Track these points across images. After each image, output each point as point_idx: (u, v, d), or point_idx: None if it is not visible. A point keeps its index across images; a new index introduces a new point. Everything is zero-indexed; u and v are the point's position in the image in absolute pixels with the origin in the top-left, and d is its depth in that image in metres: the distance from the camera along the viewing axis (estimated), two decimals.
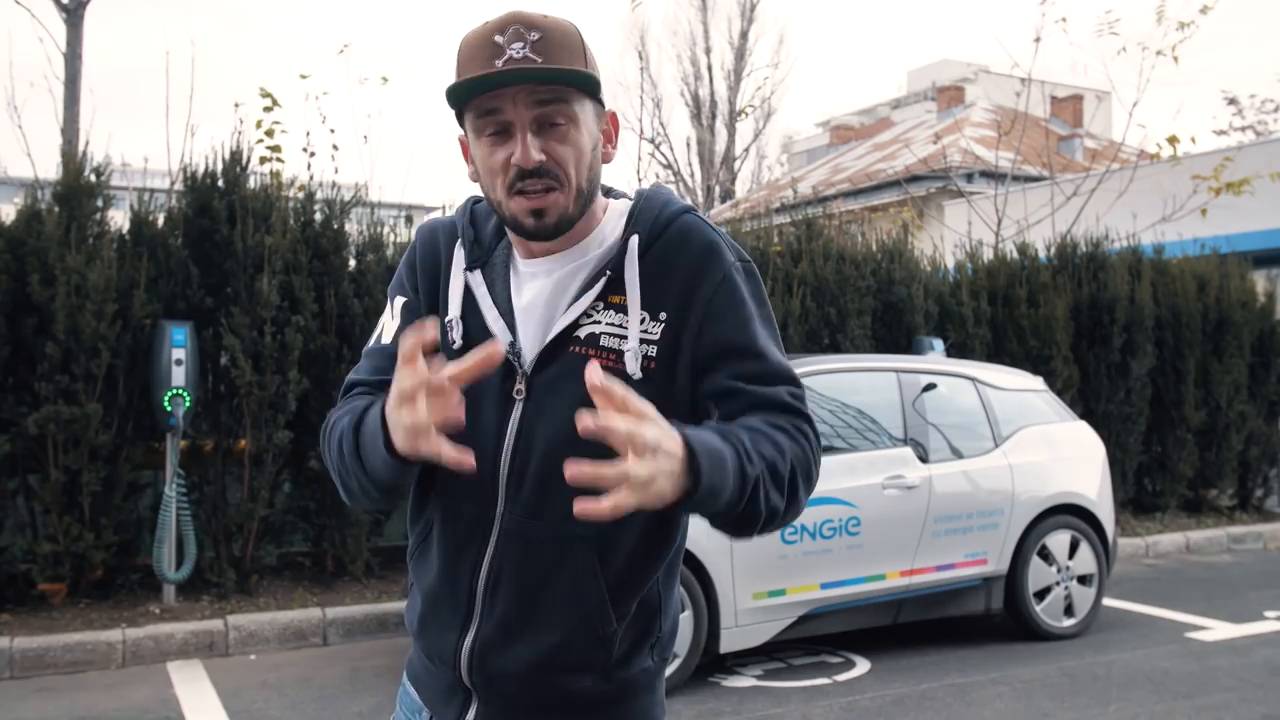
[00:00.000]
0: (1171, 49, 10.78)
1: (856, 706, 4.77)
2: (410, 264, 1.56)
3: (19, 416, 5.78)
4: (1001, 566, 5.78)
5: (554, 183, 1.39)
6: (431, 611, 1.49)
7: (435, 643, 1.49)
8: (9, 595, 5.91)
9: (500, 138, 1.39)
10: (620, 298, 1.43)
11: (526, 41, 1.36)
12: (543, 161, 1.38)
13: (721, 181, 28.30)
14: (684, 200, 1.54)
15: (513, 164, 1.38)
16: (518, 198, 1.40)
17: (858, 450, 5.56)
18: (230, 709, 4.79)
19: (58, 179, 6.18)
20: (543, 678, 1.44)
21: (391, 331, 1.52)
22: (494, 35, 1.37)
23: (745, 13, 29.50)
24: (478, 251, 1.52)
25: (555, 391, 1.41)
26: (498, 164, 1.40)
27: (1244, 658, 5.51)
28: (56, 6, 9.61)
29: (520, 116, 1.38)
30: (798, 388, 1.48)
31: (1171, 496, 9.53)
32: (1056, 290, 9.05)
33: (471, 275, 1.50)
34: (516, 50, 1.35)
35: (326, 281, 6.54)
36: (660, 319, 1.43)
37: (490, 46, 1.36)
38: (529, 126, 1.38)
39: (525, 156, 1.37)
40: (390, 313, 1.55)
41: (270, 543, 6.53)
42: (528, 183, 1.38)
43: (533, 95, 1.37)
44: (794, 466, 1.41)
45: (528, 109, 1.37)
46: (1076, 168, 17.07)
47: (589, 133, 1.42)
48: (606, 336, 1.42)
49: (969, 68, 39.14)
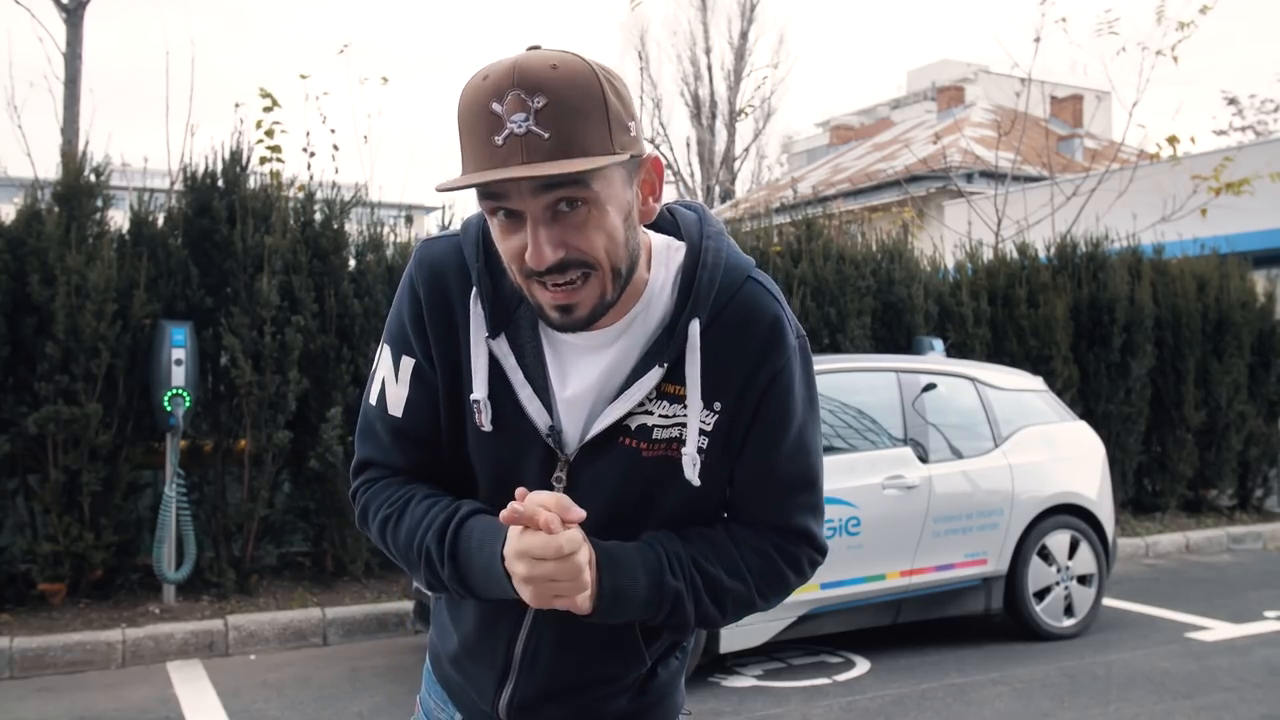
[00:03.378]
0: (1171, 49, 10.78)
1: (856, 706, 4.77)
2: (416, 316, 1.34)
3: (19, 416, 5.78)
4: (1001, 566, 5.78)
5: (581, 272, 1.21)
6: (468, 657, 1.46)
7: (475, 679, 1.46)
8: (9, 595, 5.91)
9: (512, 222, 1.20)
10: (677, 388, 1.30)
11: (529, 111, 1.14)
12: (562, 258, 1.19)
13: (721, 181, 28.31)
14: (738, 251, 1.39)
15: (526, 263, 1.20)
16: (540, 289, 1.22)
17: (858, 450, 5.56)
18: (230, 709, 4.79)
19: (58, 179, 6.18)
20: (581, 712, 1.45)
21: (400, 401, 1.35)
22: (491, 103, 1.15)
23: (745, 13, 29.52)
24: (500, 313, 1.31)
25: (602, 484, 1.32)
26: (512, 250, 1.22)
27: (1244, 658, 5.51)
28: (56, 6, 9.61)
29: (529, 206, 1.18)
30: (811, 493, 1.42)
31: (1171, 496, 9.52)
32: (1056, 290, 9.05)
33: (495, 343, 1.31)
34: (518, 124, 1.14)
35: (326, 281, 6.55)
36: (715, 409, 1.32)
37: (488, 118, 1.15)
38: (540, 218, 1.18)
39: (539, 258, 1.18)
40: (394, 374, 1.36)
41: (270, 543, 6.53)
42: (550, 278, 1.20)
43: (542, 182, 1.16)
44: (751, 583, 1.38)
45: (535, 197, 1.17)
46: (1076, 168, 17.06)
47: (618, 207, 1.22)
48: (659, 429, 1.31)
49: (969, 68, 39.12)
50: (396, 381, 1.36)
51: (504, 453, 1.33)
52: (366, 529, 1.42)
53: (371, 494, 1.40)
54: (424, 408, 1.36)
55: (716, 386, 1.31)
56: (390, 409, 1.37)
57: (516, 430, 1.32)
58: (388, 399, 1.37)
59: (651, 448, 1.31)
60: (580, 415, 1.32)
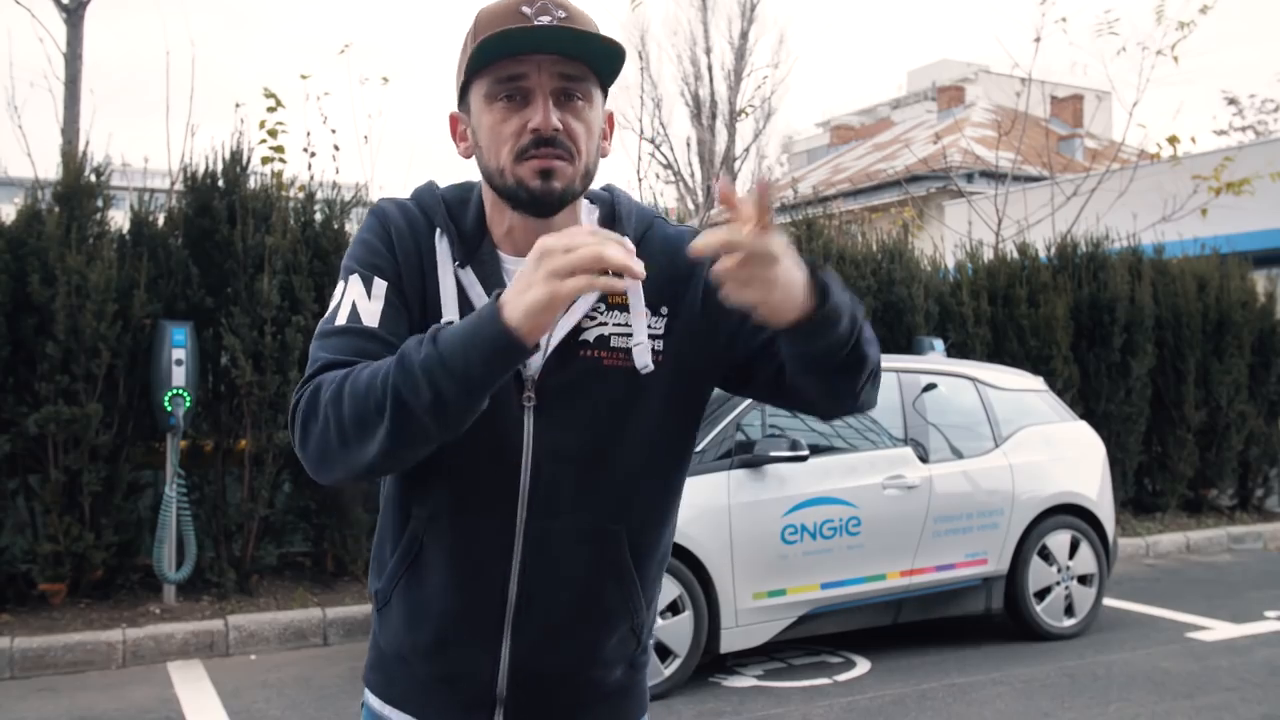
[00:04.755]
0: (1171, 49, 10.79)
1: (856, 706, 4.77)
2: (386, 244, 1.42)
3: (19, 416, 5.78)
4: (1002, 566, 5.77)
5: (565, 154, 1.35)
6: (451, 633, 1.43)
7: (458, 663, 1.44)
8: (9, 595, 5.91)
9: (515, 104, 1.35)
10: (621, 297, 1.39)
11: (554, 16, 1.33)
12: (559, 130, 1.34)
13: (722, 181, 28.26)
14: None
15: (530, 129, 1.33)
16: (525, 162, 1.35)
17: (858, 450, 5.56)
18: (230, 709, 4.79)
19: (58, 179, 6.18)
20: (582, 677, 1.46)
21: (375, 314, 1.36)
22: (520, 6, 1.33)
23: (745, 13, 29.44)
24: (466, 246, 1.43)
25: (570, 398, 1.38)
26: (509, 130, 1.35)
27: (1244, 658, 5.50)
28: (56, 6, 9.60)
29: (544, 84, 1.34)
30: None
31: (1171, 496, 9.52)
32: (1056, 290, 9.05)
33: (463, 272, 1.41)
34: (545, 22, 1.32)
35: (327, 281, 6.54)
36: (662, 314, 1.42)
37: (516, 15, 1.33)
38: (549, 96, 1.35)
39: (546, 121, 1.33)
40: (365, 293, 1.38)
41: (270, 543, 6.53)
42: (541, 150, 1.34)
43: (557, 66, 1.34)
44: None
45: (551, 78, 1.34)
46: (1076, 168, 17.07)
47: (596, 119, 1.40)
48: (616, 337, 1.40)
49: (969, 68, 39.14)
50: (369, 298, 1.37)
51: None
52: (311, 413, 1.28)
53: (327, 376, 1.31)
54: (398, 325, 1.37)
55: (656, 293, 1.41)
56: (365, 320, 1.36)
57: None
58: (361, 314, 1.36)
59: (611, 355, 1.39)
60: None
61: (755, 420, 5.37)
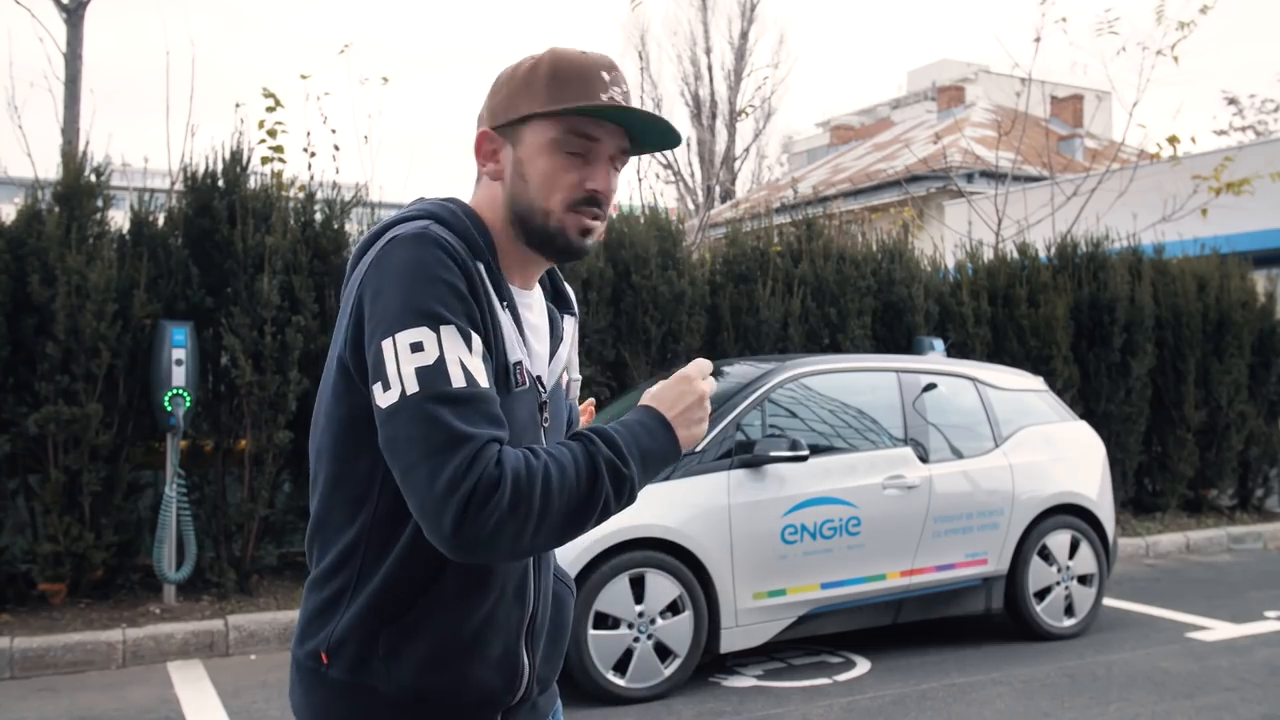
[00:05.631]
0: (1171, 49, 10.78)
1: (856, 706, 4.77)
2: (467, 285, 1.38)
3: (19, 416, 5.78)
4: (1002, 566, 5.77)
5: (603, 215, 1.51)
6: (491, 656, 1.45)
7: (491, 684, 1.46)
8: (9, 595, 5.91)
9: (578, 160, 1.46)
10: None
11: (623, 90, 1.48)
12: (606, 194, 1.49)
13: (721, 181, 28.30)
14: None
15: (589, 188, 1.47)
16: (575, 215, 1.47)
17: (858, 450, 5.56)
18: (230, 709, 4.79)
19: (58, 179, 6.18)
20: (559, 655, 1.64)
21: (483, 373, 1.34)
22: (601, 71, 1.46)
23: (745, 13, 29.52)
24: (500, 284, 1.48)
25: (556, 416, 1.59)
26: (568, 181, 1.46)
27: (1244, 658, 5.51)
28: (56, 6, 9.61)
29: (608, 149, 1.48)
30: None
31: (1171, 496, 9.52)
32: (1056, 290, 9.05)
33: (503, 312, 1.46)
34: (619, 93, 1.46)
35: (327, 281, 6.55)
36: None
37: (599, 80, 1.46)
38: (610, 160, 1.49)
39: (608, 186, 1.49)
40: (466, 347, 1.33)
41: (270, 543, 6.53)
42: (590, 209, 1.48)
43: (620, 140, 1.49)
44: None
45: (613, 147, 1.48)
46: (1077, 168, 17.07)
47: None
48: (572, 366, 1.66)
49: (969, 68, 39.18)
50: (471, 353, 1.34)
51: (525, 408, 1.48)
52: (494, 499, 1.27)
53: (510, 455, 1.32)
54: (492, 377, 1.39)
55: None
56: (482, 382, 1.33)
57: (528, 384, 1.49)
58: (474, 374, 1.33)
59: (570, 383, 1.66)
60: (542, 362, 1.55)
61: (755, 420, 5.37)
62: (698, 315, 7.64)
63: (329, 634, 1.42)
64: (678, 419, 1.46)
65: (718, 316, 7.88)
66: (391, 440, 1.30)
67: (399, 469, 1.30)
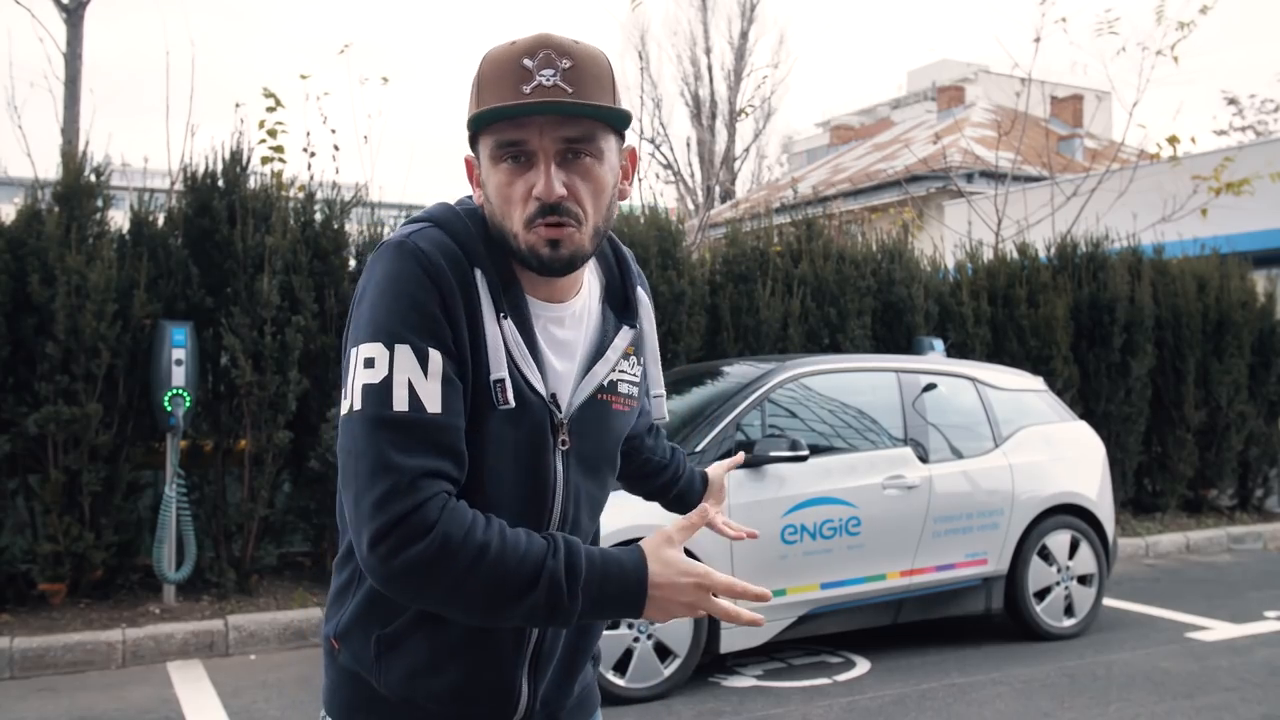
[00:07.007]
0: (1171, 49, 10.78)
1: (856, 706, 4.77)
2: (435, 300, 1.31)
3: (19, 416, 5.78)
4: (1001, 566, 5.78)
5: (572, 220, 1.34)
6: (483, 670, 1.42)
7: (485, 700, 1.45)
8: (9, 595, 5.91)
9: (520, 166, 1.33)
10: (630, 347, 1.51)
11: (557, 69, 1.30)
12: (564, 197, 1.32)
13: (721, 181, 28.29)
14: None
15: (534, 196, 1.32)
16: (532, 232, 1.33)
17: (858, 450, 5.56)
18: (230, 709, 4.79)
19: (58, 179, 6.18)
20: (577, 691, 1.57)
21: (435, 397, 1.28)
22: (523, 58, 1.31)
23: (745, 13, 29.52)
24: (502, 293, 1.38)
25: (587, 438, 1.45)
26: (517, 194, 1.34)
27: (1244, 658, 5.51)
28: (56, 6, 9.61)
29: (545, 148, 1.32)
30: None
31: (1171, 496, 9.52)
32: (1056, 290, 9.05)
33: (506, 323, 1.37)
34: (546, 78, 1.30)
35: (327, 281, 6.55)
36: (641, 361, 1.56)
37: (518, 71, 1.30)
38: (554, 158, 1.33)
39: (549, 189, 1.31)
40: (420, 370, 1.28)
41: (270, 543, 6.53)
42: (548, 218, 1.32)
43: (560, 127, 1.31)
44: None
45: (553, 141, 1.32)
46: (1076, 168, 17.07)
47: (609, 169, 1.37)
48: (624, 384, 1.49)
49: (969, 68, 39.18)
50: (426, 377, 1.28)
51: (520, 428, 1.38)
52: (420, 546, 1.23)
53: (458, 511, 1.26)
54: (456, 401, 1.31)
55: (639, 344, 1.55)
56: (429, 406, 1.27)
57: (525, 403, 1.38)
58: (422, 398, 1.27)
59: (618, 400, 1.49)
60: (567, 381, 1.43)
61: (755, 420, 5.37)
62: (697, 315, 7.64)
63: (338, 622, 1.46)
64: (656, 599, 1.29)
65: (717, 316, 7.88)
66: (338, 450, 1.33)
67: (339, 479, 1.33)
